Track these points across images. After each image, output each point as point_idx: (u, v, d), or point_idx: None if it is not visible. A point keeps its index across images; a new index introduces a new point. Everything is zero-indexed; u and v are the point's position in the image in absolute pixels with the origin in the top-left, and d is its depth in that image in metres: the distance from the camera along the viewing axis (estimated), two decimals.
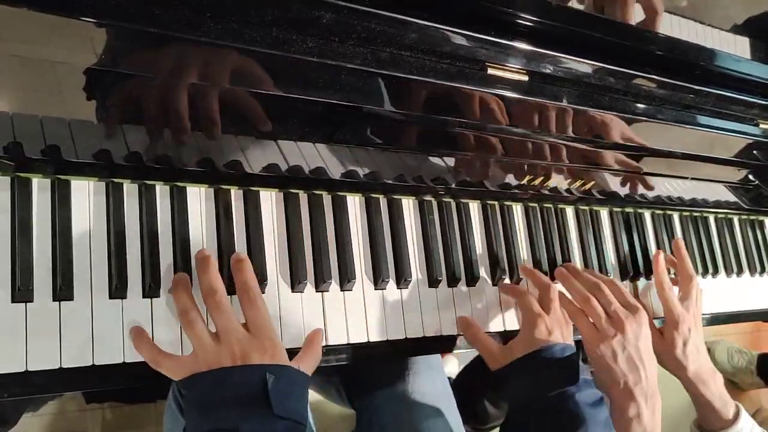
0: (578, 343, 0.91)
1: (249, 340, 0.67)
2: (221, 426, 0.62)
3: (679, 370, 1.03)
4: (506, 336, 0.94)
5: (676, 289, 1.08)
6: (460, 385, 1.42)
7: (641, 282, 1.15)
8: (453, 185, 0.93)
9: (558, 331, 0.86)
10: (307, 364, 0.72)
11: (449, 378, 1.32)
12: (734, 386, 2.38)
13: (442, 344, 0.91)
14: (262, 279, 0.78)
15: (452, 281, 0.94)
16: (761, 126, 1.04)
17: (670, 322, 1.03)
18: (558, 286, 0.97)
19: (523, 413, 0.82)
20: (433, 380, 1.00)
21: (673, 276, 1.12)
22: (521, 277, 1.00)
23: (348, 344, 0.83)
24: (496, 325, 0.95)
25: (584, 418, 0.76)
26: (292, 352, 0.78)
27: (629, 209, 1.18)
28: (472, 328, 0.90)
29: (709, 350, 2.33)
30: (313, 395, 1.23)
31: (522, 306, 0.90)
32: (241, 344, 0.66)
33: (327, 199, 0.86)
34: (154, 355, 0.67)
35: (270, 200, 0.82)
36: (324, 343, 0.81)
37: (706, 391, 1.03)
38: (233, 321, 0.68)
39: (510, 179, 0.97)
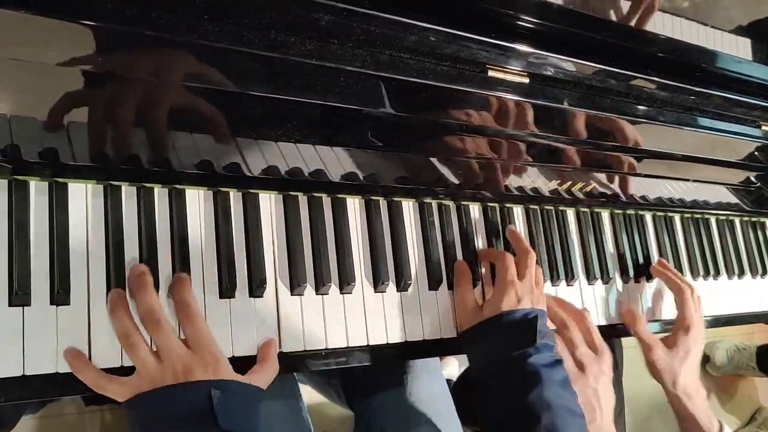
0: None
1: (190, 356, 0.67)
2: None
3: (670, 379, 1.04)
4: None
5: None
6: (460, 386, 1.42)
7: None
8: (453, 187, 0.93)
9: (528, 299, 0.87)
10: (260, 378, 0.72)
11: (449, 380, 1.32)
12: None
13: (443, 347, 0.91)
14: (261, 282, 0.78)
15: (452, 284, 0.93)
16: (763, 128, 1.03)
17: (680, 326, 1.05)
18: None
19: (483, 372, 0.85)
20: (432, 383, 1.00)
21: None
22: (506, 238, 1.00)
23: (347, 347, 0.83)
24: None
25: (540, 376, 0.79)
26: (293, 356, 0.78)
27: (630, 211, 1.18)
28: (464, 274, 0.91)
29: (707, 356, 2.34)
30: (313, 397, 1.22)
31: (499, 268, 0.90)
32: (183, 361, 0.66)
33: (327, 201, 0.86)
34: (96, 379, 0.65)
35: (269, 203, 0.82)
36: (324, 346, 0.81)
37: (691, 406, 1.04)
38: (173, 339, 0.67)
39: (511, 181, 0.97)
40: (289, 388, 0.94)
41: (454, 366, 1.79)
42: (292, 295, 0.81)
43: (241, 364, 0.73)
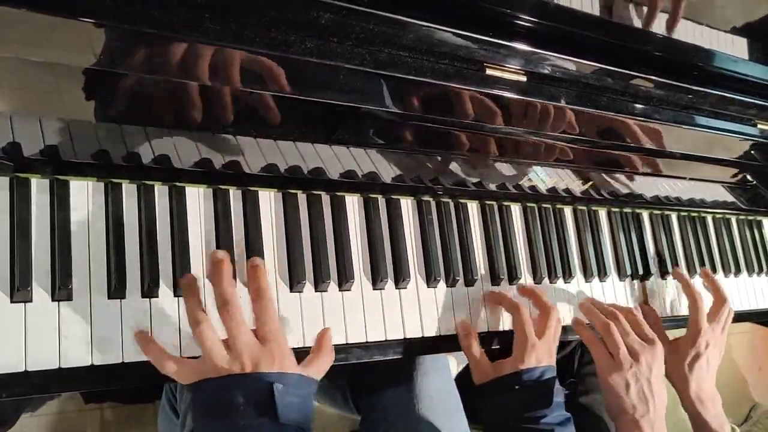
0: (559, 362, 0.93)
1: (259, 348, 0.68)
2: (227, 430, 0.64)
3: (682, 384, 1.05)
4: (503, 336, 0.95)
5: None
6: (459, 384, 1.42)
7: (651, 282, 1.16)
8: (451, 185, 0.94)
9: (546, 357, 0.88)
10: (316, 368, 0.73)
11: None
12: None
13: (441, 344, 0.91)
14: None
15: (451, 281, 0.94)
16: (759, 126, 1.04)
17: (690, 333, 1.06)
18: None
19: (494, 426, 0.88)
20: (441, 380, 1.00)
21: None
22: (520, 294, 0.98)
23: (346, 344, 0.83)
24: (494, 326, 0.95)
25: None
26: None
27: (627, 209, 1.19)
28: (470, 337, 0.91)
29: None
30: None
31: (517, 328, 0.90)
32: (251, 353, 0.67)
33: (326, 199, 0.86)
34: (162, 359, 0.67)
35: (269, 200, 0.82)
36: None
37: (704, 412, 1.04)
38: (243, 329, 0.68)
39: (508, 179, 0.97)
40: None
41: (452, 364, 1.79)
42: (291, 292, 0.81)
43: None
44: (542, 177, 0.99)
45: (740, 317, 1.31)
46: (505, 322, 0.96)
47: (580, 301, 1.03)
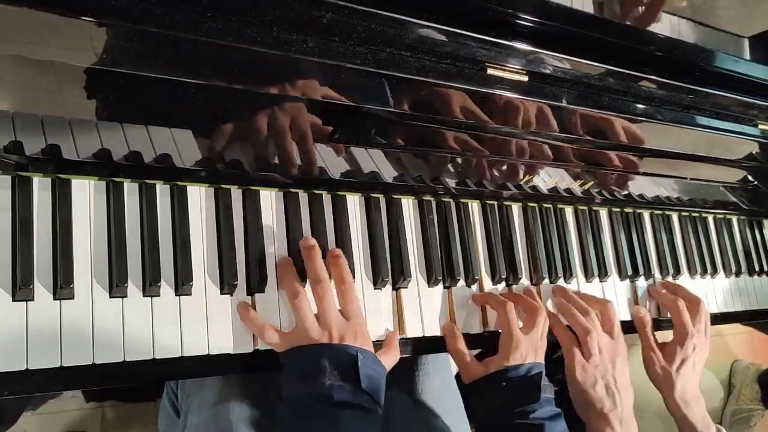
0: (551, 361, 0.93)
1: (345, 324, 0.77)
2: (317, 391, 0.72)
3: (667, 385, 1.06)
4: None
5: None
6: (459, 383, 1.42)
7: (640, 284, 1.16)
8: (452, 185, 0.94)
9: (532, 354, 0.89)
10: (386, 360, 0.80)
11: None
12: None
13: (442, 343, 0.91)
14: (262, 278, 0.78)
15: (451, 281, 0.94)
16: (760, 126, 1.04)
17: (677, 336, 1.07)
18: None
19: (486, 426, 0.89)
20: (442, 379, 1.00)
21: None
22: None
23: None
24: (493, 324, 0.95)
25: (544, 428, 0.84)
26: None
27: (628, 209, 1.19)
28: (455, 338, 0.91)
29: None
30: None
31: (502, 325, 0.91)
32: (339, 327, 0.76)
33: (327, 198, 0.86)
34: (262, 328, 0.76)
35: (270, 200, 0.83)
36: None
37: (689, 413, 1.05)
38: (333, 307, 0.78)
39: (509, 179, 0.97)
40: None
41: (453, 364, 1.79)
42: None
43: None
44: (543, 177, 0.99)
45: (741, 318, 1.31)
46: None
47: (554, 289, 1.04)
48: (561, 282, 1.05)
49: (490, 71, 0.76)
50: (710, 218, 1.33)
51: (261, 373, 0.81)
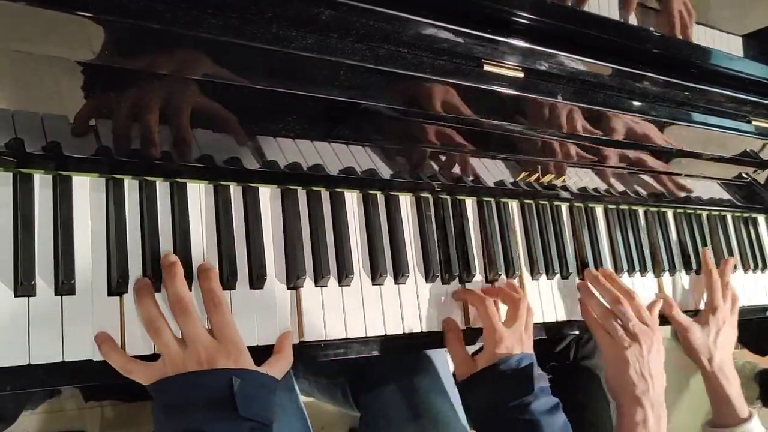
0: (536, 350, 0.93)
1: (214, 345, 0.69)
2: (189, 427, 0.64)
3: (706, 356, 1.11)
4: None
5: None
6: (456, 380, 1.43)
7: (636, 280, 1.17)
8: (449, 182, 0.94)
9: (518, 347, 0.88)
10: (275, 369, 0.74)
11: None
12: None
13: (440, 339, 0.92)
14: (261, 274, 0.79)
15: (449, 277, 0.94)
16: (753, 123, 1.05)
17: (709, 307, 1.16)
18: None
19: (484, 423, 0.88)
20: (440, 376, 1.01)
21: None
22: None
23: (346, 339, 0.84)
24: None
25: (541, 424, 0.82)
26: (293, 348, 0.79)
27: (624, 206, 1.19)
28: (453, 332, 0.91)
29: None
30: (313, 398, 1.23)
31: (483, 321, 0.90)
32: (207, 350, 0.68)
33: (325, 195, 0.87)
34: (124, 363, 0.68)
35: (269, 196, 0.83)
36: (323, 338, 0.82)
37: (728, 386, 1.11)
38: (199, 327, 0.70)
39: (506, 176, 0.98)
40: (284, 380, 0.95)
41: (450, 360, 1.79)
42: (288, 288, 0.82)
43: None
44: (539, 174, 1.00)
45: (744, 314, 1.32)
46: (503, 318, 0.97)
47: (578, 283, 1.07)
48: (557, 278, 1.06)
49: (486, 68, 0.77)
50: (704, 215, 1.34)
51: None
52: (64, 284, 0.67)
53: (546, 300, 1.04)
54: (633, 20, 0.88)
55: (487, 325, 0.89)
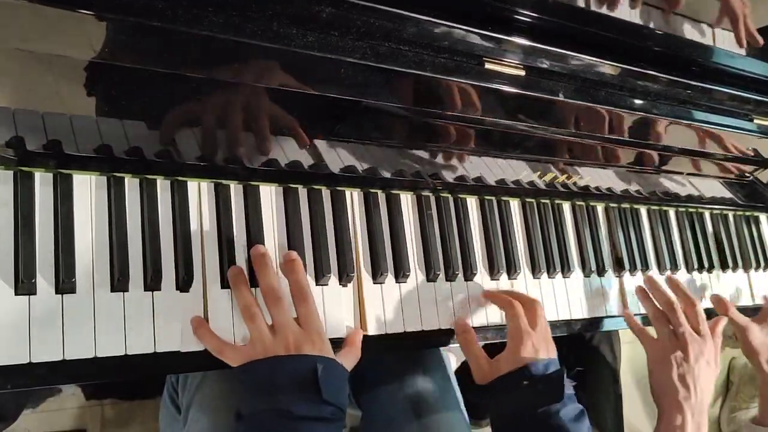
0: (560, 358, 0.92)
1: (301, 333, 0.74)
2: (276, 407, 0.68)
3: (765, 358, 1.12)
4: (502, 330, 0.95)
5: None
6: (458, 379, 1.42)
7: (638, 280, 1.16)
8: (451, 180, 0.94)
9: (544, 349, 0.87)
10: (347, 361, 0.78)
11: None
12: None
13: (441, 338, 0.92)
14: None
15: (450, 276, 0.94)
16: (756, 121, 1.05)
17: None
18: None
19: (508, 427, 0.86)
20: (441, 375, 1.01)
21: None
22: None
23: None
24: (493, 318, 0.96)
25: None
26: None
27: (625, 205, 1.19)
28: (468, 334, 0.90)
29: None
30: None
31: (510, 320, 0.89)
32: (295, 337, 0.73)
33: (326, 193, 0.87)
34: (217, 344, 0.73)
35: (270, 195, 0.83)
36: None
37: None
38: (288, 316, 0.74)
39: (507, 174, 0.98)
40: None
41: (451, 359, 1.79)
42: None
43: None
44: (540, 172, 1.00)
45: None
46: (504, 316, 0.97)
47: (638, 285, 1.08)
48: (559, 277, 1.06)
49: (488, 66, 0.76)
50: (707, 214, 1.34)
51: None
52: (65, 283, 0.67)
53: (547, 299, 1.03)
54: (635, 18, 0.88)
55: (513, 324, 0.88)
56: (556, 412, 0.81)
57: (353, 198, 0.89)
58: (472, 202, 1.00)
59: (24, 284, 0.65)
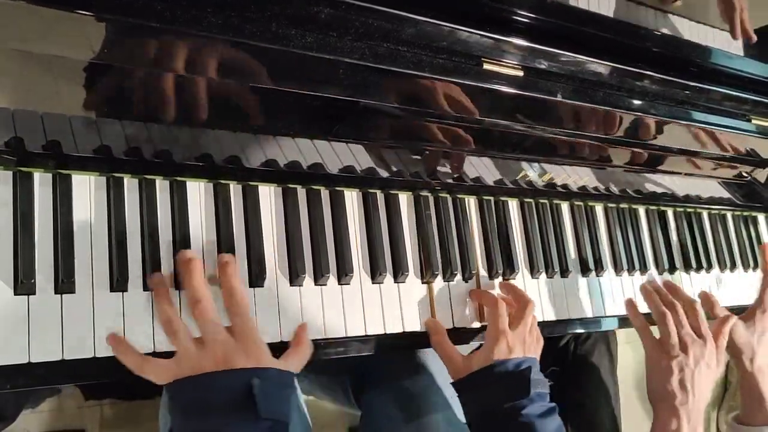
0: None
1: (233, 344, 0.68)
2: (207, 429, 0.64)
3: (748, 355, 1.11)
4: None
5: None
6: None
7: (636, 279, 1.17)
8: (449, 180, 0.94)
9: (519, 349, 0.87)
10: (294, 362, 0.73)
11: None
12: None
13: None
14: (261, 273, 0.79)
15: (448, 276, 0.94)
16: (753, 121, 1.05)
17: (758, 306, 1.15)
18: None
19: (478, 424, 0.86)
20: (440, 374, 1.01)
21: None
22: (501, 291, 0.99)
23: (346, 337, 0.84)
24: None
25: (534, 428, 0.80)
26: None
27: (624, 205, 1.19)
28: (438, 335, 0.90)
29: None
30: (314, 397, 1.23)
31: (490, 318, 0.90)
32: (225, 349, 0.67)
33: (325, 194, 0.87)
34: (137, 361, 0.67)
35: (269, 195, 0.83)
36: (323, 336, 0.82)
37: (764, 385, 1.10)
38: (218, 326, 0.68)
39: (506, 174, 0.98)
40: None
41: None
42: (291, 285, 0.82)
43: None
44: (539, 172, 1.00)
45: (737, 312, 1.31)
46: None
47: (641, 284, 1.08)
48: (557, 277, 1.06)
49: (486, 66, 0.77)
50: (705, 213, 1.34)
51: None
52: (64, 282, 0.67)
53: (545, 299, 1.04)
54: (633, 18, 0.88)
55: (491, 323, 0.88)
56: (521, 408, 0.81)
57: (352, 198, 0.89)
58: (470, 202, 1.01)
59: (23, 284, 0.65)
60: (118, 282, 0.70)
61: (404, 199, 0.94)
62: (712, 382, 0.99)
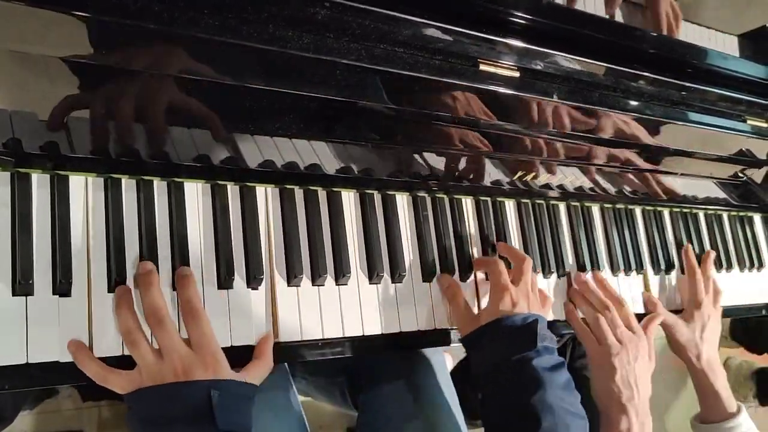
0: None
1: (191, 356, 0.68)
2: None
3: (694, 352, 1.12)
4: None
5: None
6: (454, 379, 1.43)
7: (632, 279, 1.17)
8: (446, 181, 0.95)
9: (524, 302, 0.88)
10: (254, 374, 0.73)
11: None
12: None
13: (437, 337, 0.92)
14: (258, 273, 0.79)
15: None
16: (749, 122, 1.05)
17: (693, 303, 1.15)
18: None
19: (485, 378, 0.86)
20: (437, 375, 1.01)
21: None
22: (500, 255, 1.00)
23: (343, 338, 0.84)
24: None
25: (542, 381, 0.80)
26: (290, 347, 0.79)
27: (620, 205, 1.20)
28: (453, 287, 0.92)
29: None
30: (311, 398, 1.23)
31: (492, 276, 0.91)
32: (184, 361, 0.67)
33: (322, 194, 0.87)
34: (99, 371, 0.67)
35: (266, 196, 0.83)
36: (320, 337, 0.82)
37: (716, 381, 1.11)
38: (175, 338, 0.68)
39: (502, 175, 0.98)
40: (281, 379, 0.95)
41: (448, 360, 1.80)
42: (288, 286, 0.82)
43: (237, 354, 0.75)
44: (536, 173, 1.00)
45: (733, 312, 1.32)
46: None
47: (571, 289, 1.07)
48: (554, 277, 1.06)
49: (482, 67, 0.77)
50: (701, 214, 1.35)
51: None
52: (62, 283, 0.67)
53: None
54: (627, 19, 0.88)
55: (494, 281, 0.90)
56: (529, 360, 0.81)
57: (349, 199, 0.90)
58: (467, 203, 1.01)
59: (21, 285, 0.65)
60: (116, 283, 0.70)
61: (401, 199, 0.94)
62: (650, 376, 1.00)
